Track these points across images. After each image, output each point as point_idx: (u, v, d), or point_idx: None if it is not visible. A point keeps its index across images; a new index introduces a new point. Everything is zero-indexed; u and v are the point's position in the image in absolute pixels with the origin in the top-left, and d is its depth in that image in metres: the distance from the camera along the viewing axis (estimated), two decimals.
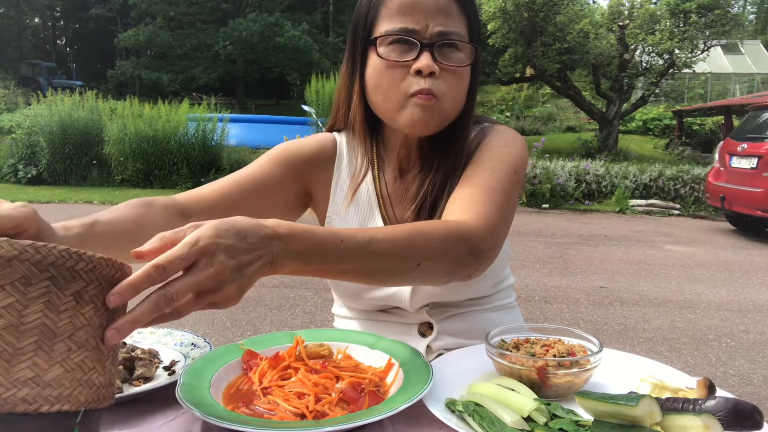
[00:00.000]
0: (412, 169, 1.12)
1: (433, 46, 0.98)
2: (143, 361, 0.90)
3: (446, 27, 0.99)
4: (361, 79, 1.05)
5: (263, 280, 4.32)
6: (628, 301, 4.76)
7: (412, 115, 0.99)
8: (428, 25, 0.98)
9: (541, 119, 20.44)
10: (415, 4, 0.98)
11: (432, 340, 1.11)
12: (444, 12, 0.99)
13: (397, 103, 1.00)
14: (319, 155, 1.15)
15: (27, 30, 38.21)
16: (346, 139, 1.17)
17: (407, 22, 0.98)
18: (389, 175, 1.13)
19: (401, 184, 1.12)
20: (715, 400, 0.68)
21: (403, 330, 1.13)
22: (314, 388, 0.81)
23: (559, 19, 14.16)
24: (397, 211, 1.11)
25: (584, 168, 10.85)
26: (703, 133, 17.53)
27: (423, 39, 0.98)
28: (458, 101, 1.03)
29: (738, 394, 2.39)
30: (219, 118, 11.21)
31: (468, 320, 1.13)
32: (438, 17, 0.98)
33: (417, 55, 0.97)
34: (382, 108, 1.03)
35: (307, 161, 1.13)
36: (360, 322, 1.19)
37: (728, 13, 14.76)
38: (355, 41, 1.06)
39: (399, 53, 0.99)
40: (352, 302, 1.16)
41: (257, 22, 26.68)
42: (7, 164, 11.16)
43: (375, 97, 1.03)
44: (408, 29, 0.98)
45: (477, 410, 0.73)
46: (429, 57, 0.97)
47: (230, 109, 16.26)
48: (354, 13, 1.07)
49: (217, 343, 0.97)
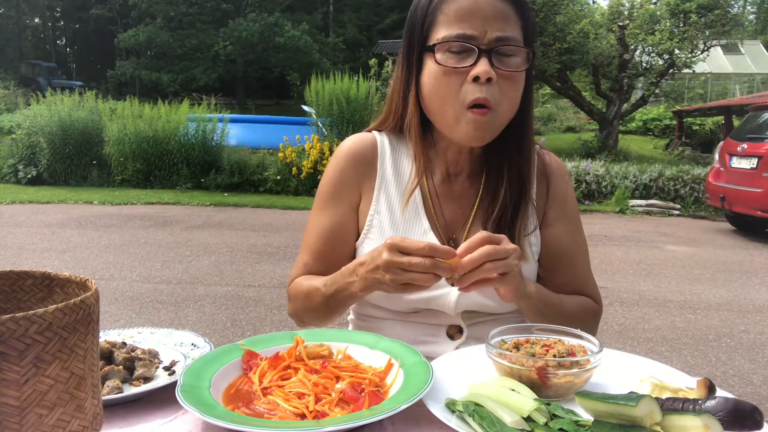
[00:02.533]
0: (460, 173, 1.15)
1: (491, 52, 0.99)
2: (143, 361, 0.90)
3: (504, 32, 1.00)
4: (416, 85, 1.07)
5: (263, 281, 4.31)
6: (628, 301, 4.76)
7: (467, 131, 1.01)
8: (486, 30, 0.99)
9: (541, 119, 20.45)
10: (473, 11, 0.99)
11: (461, 343, 1.11)
12: (501, 17, 1.00)
13: (454, 114, 1.02)
14: (362, 161, 1.17)
15: (27, 30, 38.22)
16: (387, 139, 1.19)
17: (465, 29, 0.99)
18: (437, 177, 1.15)
19: (449, 186, 1.15)
20: (715, 400, 0.68)
21: (432, 332, 1.13)
22: (314, 388, 0.81)
23: (559, 19, 14.15)
24: (446, 212, 1.14)
25: (584, 168, 10.85)
26: (703, 134, 17.53)
27: (481, 45, 0.99)
28: (513, 107, 1.04)
29: (738, 394, 2.38)
30: (219, 118, 11.19)
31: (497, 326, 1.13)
32: (496, 23, 0.99)
33: (475, 61, 0.99)
34: (439, 117, 1.05)
35: (359, 174, 1.17)
36: (386, 322, 1.17)
37: (728, 13, 14.76)
38: (411, 47, 1.07)
39: (457, 59, 1.00)
40: (390, 302, 1.15)
41: (257, 22, 26.70)
42: (7, 164, 11.15)
43: (431, 104, 1.05)
44: (466, 35, 0.99)
45: (477, 410, 0.72)
46: (487, 63, 0.98)
47: (230, 110, 16.26)
48: (408, 18, 1.08)
49: (217, 343, 0.97)
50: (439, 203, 1.14)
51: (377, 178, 1.16)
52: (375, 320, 1.19)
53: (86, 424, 0.59)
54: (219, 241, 6.57)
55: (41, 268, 0.72)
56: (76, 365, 0.57)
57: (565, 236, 1.17)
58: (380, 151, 1.17)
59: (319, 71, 11.74)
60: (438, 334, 1.13)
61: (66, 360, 0.56)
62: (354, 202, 1.17)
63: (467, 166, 1.15)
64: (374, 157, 1.17)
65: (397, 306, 1.14)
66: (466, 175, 1.15)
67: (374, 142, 1.19)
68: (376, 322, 1.19)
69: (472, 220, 1.13)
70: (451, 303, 1.09)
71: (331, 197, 1.18)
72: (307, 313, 1.17)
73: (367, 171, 1.17)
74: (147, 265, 5.46)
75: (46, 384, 0.54)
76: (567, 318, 1.07)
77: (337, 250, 1.17)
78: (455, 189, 1.15)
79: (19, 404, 0.52)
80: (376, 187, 1.15)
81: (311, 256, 1.19)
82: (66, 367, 0.56)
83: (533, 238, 1.14)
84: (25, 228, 7.07)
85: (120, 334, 1.05)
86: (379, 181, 1.16)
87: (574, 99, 16.09)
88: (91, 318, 0.59)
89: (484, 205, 1.13)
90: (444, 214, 1.14)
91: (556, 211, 1.18)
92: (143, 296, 4.53)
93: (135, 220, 7.75)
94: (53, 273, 0.65)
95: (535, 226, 1.15)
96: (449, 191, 1.15)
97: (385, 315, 1.17)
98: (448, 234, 1.13)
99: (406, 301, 1.11)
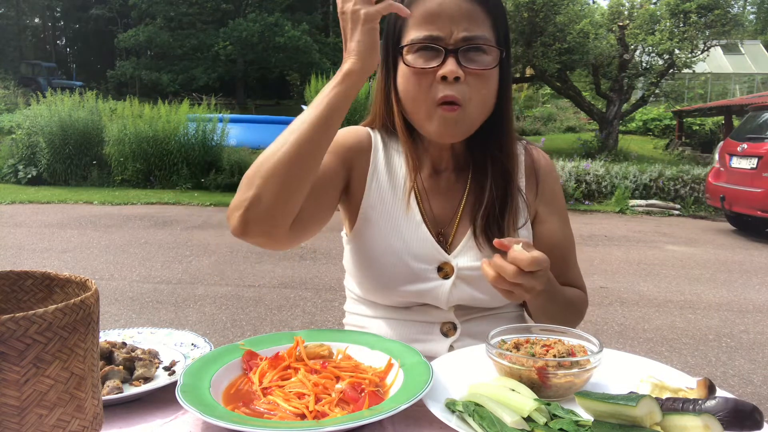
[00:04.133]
0: (446, 169, 1.17)
1: (458, 51, 1.00)
2: (143, 361, 0.90)
3: (470, 32, 1.01)
4: (395, 86, 1.09)
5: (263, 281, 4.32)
6: (628, 301, 4.76)
7: (438, 127, 1.03)
8: (452, 31, 1.00)
9: (541, 119, 20.45)
10: (439, 12, 1.01)
11: (455, 340, 1.12)
12: (468, 17, 1.01)
13: (425, 111, 1.03)
14: (359, 144, 1.17)
15: (27, 30, 38.19)
16: (380, 135, 1.20)
17: (432, 30, 1.01)
18: (424, 173, 1.17)
19: (436, 182, 1.17)
20: (715, 400, 0.68)
21: (426, 329, 1.14)
22: (314, 389, 0.81)
23: (558, 20, 14.13)
24: (434, 206, 1.15)
25: (584, 168, 10.84)
26: (703, 134, 17.53)
27: (448, 45, 1.01)
28: (485, 104, 1.06)
29: (738, 394, 2.38)
30: (219, 118, 11.18)
31: (491, 323, 1.13)
32: (462, 22, 1.00)
33: (442, 62, 1.00)
34: (414, 117, 1.07)
35: (349, 149, 1.16)
36: (380, 321, 1.17)
37: (728, 13, 14.75)
38: (387, 50, 1.10)
39: (425, 60, 1.02)
40: (383, 296, 1.14)
41: (257, 22, 26.69)
42: (7, 164, 11.14)
43: (405, 104, 1.07)
44: (432, 36, 1.01)
45: (477, 410, 0.72)
46: (454, 62, 0.99)
47: (230, 110, 16.27)
48: (384, 21, 1.09)
49: (217, 343, 0.97)
50: (428, 198, 1.15)
51: (370, 169, 1.16)
52: (369, 319, 1.19)
53: (86, 424, 0.59)
54: (219, 241, 6.57)
55: (41, 268, 0.72)
56: (76, 365, 0.57)
57: (557, 231, 1.20)
58: (374, 144, 1.18)
59: (319, 71, 11.77)
60: (432, 331, 1.13)
61: (66, 360, 0.56)
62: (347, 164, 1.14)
63: (451, 162, 1.17)
64: (369, 148, 1.18)
65: (392, 300, 1.14)
66: (451, 170, 1.17)
67: (369, 135, 1.20)
68: (370, 321, 1.19)
69: (460, 215, 1.15)
70: (444, 296, 1.10)
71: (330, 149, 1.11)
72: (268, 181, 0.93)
73: (361, 157, 1.17)
74: (147, 265, 5.46)
75: (46, 384, 0.54)
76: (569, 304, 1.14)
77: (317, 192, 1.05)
78: (442, 184, 1.17)
79: (19, 404, 0.52)
80: (369, 178, 1.15)
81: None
82: (66, 367, 0.56)
83: (524, 231, 1.16)
84: (25, 228, 7.07)
85: (120, 334, 1.05)
86: (371, 171, 1.16)
87: (574, 99, 16.09)
88: (91, 318, 0.59)
89: (472, 200, 1.15)
90: (432, 209, 1.15)
91: (547, 207, 1.20)
92: (143, 296, 4.53)
93: (135, 220, 7.75)
94: (53, 273, 0.65)
95: (526, 219, 1.16)
96: (437, 186, 1.17)
97: (379, 314, 1.17)
98: (437, 228, 1.14)
99: (400, 292, 1.11)
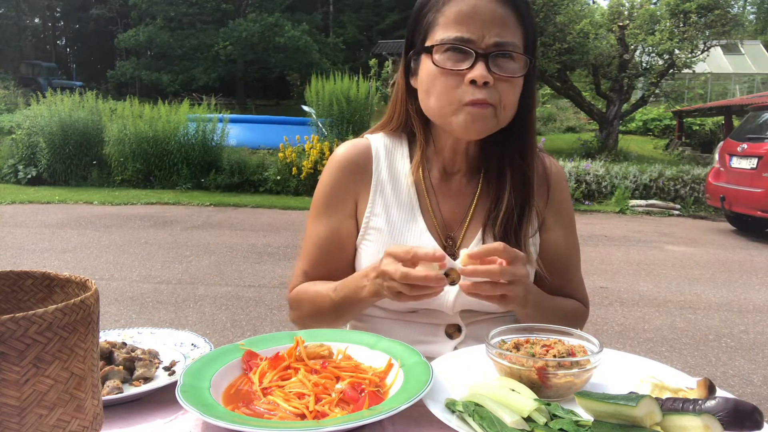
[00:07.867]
0: (457, 171, 1.17)
1: (488, 56, 0.99)
2: (143, 361, 0.90)
3: (502, 38, 1.00)
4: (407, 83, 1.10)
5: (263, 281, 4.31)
6: (628, 302, 4.76)
7: (466, 121, 1.02)
8: (484, 35, 0.99)
9: (541, 119, 20.42)
10: (472, 14, 1.00)
11: (459, 342, 1.12)
12: (500, 22, 1.00)
13: (451, 108, 1.03)
14: (357, 166, 1.18)
15: (27, 30, 38.19)
16: (382, 142, 1.20)
17: (463, 32, 1.00)
18: (434, 174, 1.17)
19: (446, 184, 1.17)
20: (715, 401, 0.68)
21: (431, 331, 1.14)
22: (314, 389, 0.81)
23: (559, 20, 14.14)
24: (443, 209, 1.15)
25: (584, 168, 10.84)
26: (703, 134, 17.52)
27: (478, 49, 1.00)
28: (511, 110, 1.05)
29: (738, 394, 2.38)
30: (219, 118, 11.18)
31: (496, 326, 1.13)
32: (494, 28, 1.00)
33: (472, 65, 0.99)
34: (435, 111, 1.06)
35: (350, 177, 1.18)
36: (386, 322, 1.17)
37: (728, 14, 14.75)
38: (411, 47, 1.09)
39: (454, 62, 1.01)
40: (388, 302, 1.15)
41: (257, 22, 26.70)
42: (7, 165, 11.14)
43: (427, 100, 1.06)
44: (464, 38, 1.00)
45: (477, 410, 0.72)
46: (483, 67, 0.99)
47: (230, 110, 16.23)
48: (410, 18, 1.09)
49: (217, 343, 0.97)
50: (437, 200, 1.15)
51: (372, 181, 1.17)
52: (374, 320, 1.19)
53: (86, 424, 0.59)
54: (219, 241, 6.57)
55: (41, 268, 0.72)
56: (76, 365, 0.57)
57: (562, 241, 1.19)
58: (374, 154, 1.18)
59: (319, 71, 11.75)
60: (437, 333, 1.13)
61: (66, 360, 0.56)
62: (349, 209, 1.18)
63: (464, 164, 1.16)
64: (368, 162, 1.18)
65: (396, 305, 1.14)
66: (463, 173, 1.17)
67: (368, 146, 1.20)
68: (375, 321, 1.19)
69: (470, 218, 1.14)
70: (450, 302, 1.10)
71: (326, 206, 1.19)
72: (312, 319, 1.18)
73: (361, 177, 1.18)
74: (147, 265, 5.45)
75: (46, 384, 0.54)
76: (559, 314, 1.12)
77: (335, 258, 1.18)
78: (453, 187, 1.17)
79: (19, 404, 0.52)
80: (372, 190, 1.16)
81: (310, 265, 1.20)
82: (66, 368, 0.56)
83: (534, 240, 1.16)
84: (25, 228, 7.07)
85: (120, 334, 1.05)
86: (374, 183, 1.17)
87: (574, 99, 16.09)
88: (91, 318, 0.59)
89: (482, 204, 1.14)
90: (442, 212, 1.15)
91: (554, 216, 1.19)
92: (143, 296, 4.53)
93: (135, 221, 7.75)
94: (53, 273, 0.65)
95: (536, 230, 1.16)
96: (447, 188, 1.16)
97: (384, 314, 1.18)
98: (446, 232, 1.14)
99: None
